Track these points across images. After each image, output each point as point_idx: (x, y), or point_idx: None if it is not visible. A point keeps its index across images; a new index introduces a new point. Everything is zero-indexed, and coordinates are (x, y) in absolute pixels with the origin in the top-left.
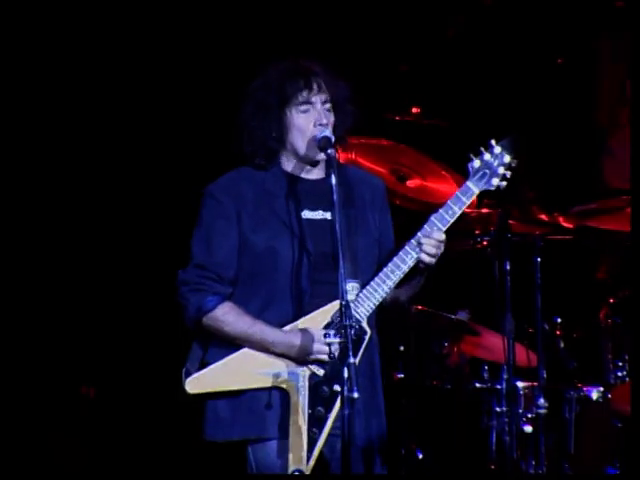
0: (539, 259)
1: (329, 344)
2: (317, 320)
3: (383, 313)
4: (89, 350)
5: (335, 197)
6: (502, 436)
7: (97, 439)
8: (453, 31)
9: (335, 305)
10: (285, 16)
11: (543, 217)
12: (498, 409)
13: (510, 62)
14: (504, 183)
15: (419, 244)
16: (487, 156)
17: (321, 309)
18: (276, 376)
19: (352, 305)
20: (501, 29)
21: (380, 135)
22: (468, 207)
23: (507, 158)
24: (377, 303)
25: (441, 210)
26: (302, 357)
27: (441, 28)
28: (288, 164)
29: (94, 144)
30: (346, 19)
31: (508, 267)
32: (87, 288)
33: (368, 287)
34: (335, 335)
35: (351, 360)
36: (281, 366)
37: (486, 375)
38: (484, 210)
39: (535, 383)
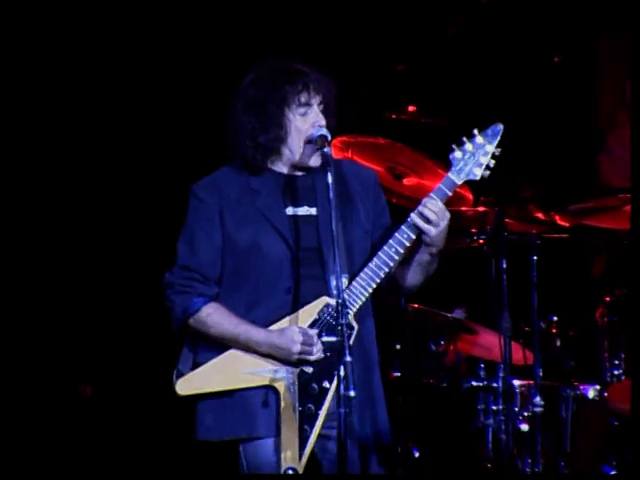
0: (535, 257)
1: (317, 343)
2: (303, 318)
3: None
4: (86, 348)
5: (331, 195)
6: (498, 434)
7: (94, 437)
8: (453, 31)
9: (320, 302)
10: (283, 14)
11: (539, 215)
12: (494, 407)
13: (509, 61)
14: (488, 172)
15: (420, 214)
16: (469, 146)
17: (307, 307)
18: (266, 375)
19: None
20: (500, 29)
21: (377, 133)
22: (465, 205)
23: (489, 147)
24: (364, 299)
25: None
26: (287, 357)
27: (441, 28)
28: (279, 165)
29: (84, 145)
30: (345, 18)
31: (504, 265)
32: (84, 287)
33: (355, 283)
34: (324, 333)
35: (347, 359)
36: (270, 365)
37: (482, 373)
38: (480, 208)
39: (531, 381)
